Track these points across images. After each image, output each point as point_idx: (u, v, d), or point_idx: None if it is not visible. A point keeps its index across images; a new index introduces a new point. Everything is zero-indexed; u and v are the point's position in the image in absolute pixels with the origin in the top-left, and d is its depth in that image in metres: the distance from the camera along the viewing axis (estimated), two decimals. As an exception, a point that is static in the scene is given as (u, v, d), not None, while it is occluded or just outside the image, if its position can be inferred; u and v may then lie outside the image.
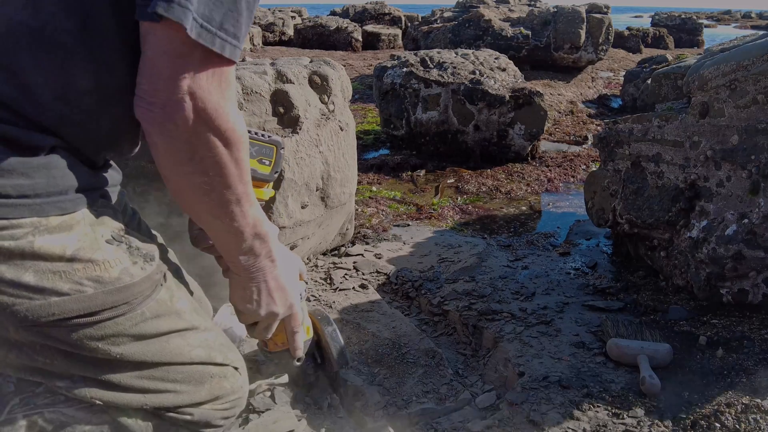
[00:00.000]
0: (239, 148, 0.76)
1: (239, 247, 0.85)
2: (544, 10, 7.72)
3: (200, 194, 0.77)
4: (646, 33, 14.05)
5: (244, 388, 1.00)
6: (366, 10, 15.85)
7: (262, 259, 0.88)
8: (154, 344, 0.83)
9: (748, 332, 1.85)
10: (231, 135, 0.74)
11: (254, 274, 0.89)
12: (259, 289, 0.91)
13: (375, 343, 1.87)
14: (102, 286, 0.76)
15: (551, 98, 6.63)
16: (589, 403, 1.56)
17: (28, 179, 0.70)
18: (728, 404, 1.49)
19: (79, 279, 0.74)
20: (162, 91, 0.69)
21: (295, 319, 0.99)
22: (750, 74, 1.87)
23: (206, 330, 0.92)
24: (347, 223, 2.62)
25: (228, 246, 0.86)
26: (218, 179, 0.76)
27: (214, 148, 0.74)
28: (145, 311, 0.81)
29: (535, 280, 2.37)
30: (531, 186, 3.99)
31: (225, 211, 0.79)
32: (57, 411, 0.82)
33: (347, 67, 9.52)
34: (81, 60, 0.73)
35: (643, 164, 2.29)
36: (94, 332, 0.76)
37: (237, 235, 0.83)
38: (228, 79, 0.74)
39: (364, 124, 5.75)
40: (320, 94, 2.19)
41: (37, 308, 0.71)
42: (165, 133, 0.72)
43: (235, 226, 0.81)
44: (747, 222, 1.86)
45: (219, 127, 0.73)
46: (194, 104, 0.70)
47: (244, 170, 0.78)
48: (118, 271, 0.78)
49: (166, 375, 0.85)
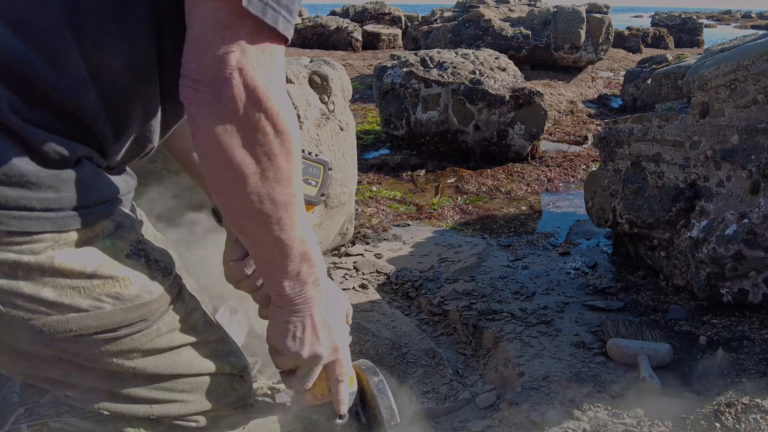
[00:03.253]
0: (290, 139, 0.69)
1: (285, 268, 0.76)
2: (544, 9, 7.72)
3: (247, 192, 0.69)
4: (646, 33, 14.05)
5: (249, 393, 0.99)
6: (366, 10, 15.85)
7: (309, 287, 0.78)
8: (167, 357, 0.82)
9: (748, 332, 1.85)
10: (281, 122, 0.67)
11: (299, 306, 0.79)
12: (303, 324, 0.80)
13: (375, 343, 1.87)
14: (121, 302, 0.74)
15: (551, 98, 6.63)
16: (589, 403, 1.55)
17: (56, 193, 0.68)
18: (728, 404, 1.49)
19: (98, 295, 0.72)
20: (210, 67, 0.64)
21: (341, 365, 0.87)
22: (750, 74, 1.87)
23: (216, 340, 0.91)
24: (347, 223, 2.62)
25: (272, 266, 0.76)
26: (268, 173, 0.69)
27: (266, 135, 0.67)
28: (161, 327, 0.80)
29: (535, 280, 2.37)
30: (531, 186, 3.99)
31: (272, 215, 0.71)
32: (61, 421, 0.81)
33: (347, 67, 9.53)
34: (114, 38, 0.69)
35: (643, 164, 2.29)
36: (111, 348, 0.75)
37: (283, 250, 0.74)
38: (279, 59, 0.67)
39: (364, 124, 5.75)
40: (320, 94, 2.19)
41: (54, 324, 0.70)
42: (214, 116, 0.65)
43: (283, 238, 0.73)
44: (747, 222, 1.86)
45: (270, 110, 0.66)
46: (244, 81, 0.64)
47: (295, 167, 0.71)
48: (137, 288, 0.76)
49: (174, 386, 0.84)
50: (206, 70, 0.64)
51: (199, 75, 0.65)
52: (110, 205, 0.77)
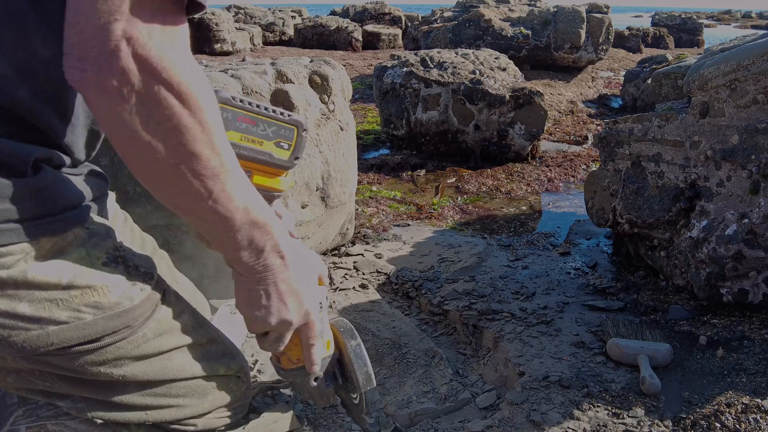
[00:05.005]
0: (201, 108, 0.63)
1: (234, 238, 0.71)
2: (544, 9, 7.72)
3: (167, 171, 0.64)
4: (646, 33, 14.05)
5: (247, 394, 0.98)
6: (366, 10, 15.85)
7: (268, 254, 0.75)
8: (157, 363, 0.80)
9: (749, 332, 1.85)
10: (186, 91, 0.61)
11: (261, 274, 0.76)
12: (267, 292, 0.77)
13: (375, 343, 1.87)
14: (101, 312, 0.72)
15: (551, 98, 6.63)
16: (589, 403, 1.56)
17: (17, 203, 0.65)
18: (728, 404, 1.49)
19: (77, 306, 0.70)
20: (92, 40, 0.57)
21: (311, 329, 0.85)
22: (750, 74, 1.87)
23: (208, 342, 0.89)
24: (347, 222, 2.62)
25: (220, 238, 0.72)
26: (183, 148, 0.63)
27: (170, 108, 0.61)
28: (147, 332, 0.78)
29: (535, 279, 2.37)
30: (531, 186, 3.99)
31: (200, 190, 0.66)
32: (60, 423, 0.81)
33: (347, 67, 9.52)
34: (35, 28, 0.65)
35: (643, 164, 2.29)
36: (96, 358, 0.74)
37: (226, 222, 0.69)
38: (174, 23, 0.61)
39: (364, 124, 5.75)
40: (320, 94, 2.19)
41: (34, 339, 0.68)
42: (107, 96, 0.59)
43: (221, 211, 0.68)
44: (747, 222, 1.86)
45: (169, 81, 0.60)
46: (134, 52, 0.58)
47: (215, 137, 0.65)
48: (117, 296, 0.74)
49: (168, 391, 0.83)
50: (89, 44, 0.58)
51: (82, 51, 0.58)
52: (80, 212, 0.74)
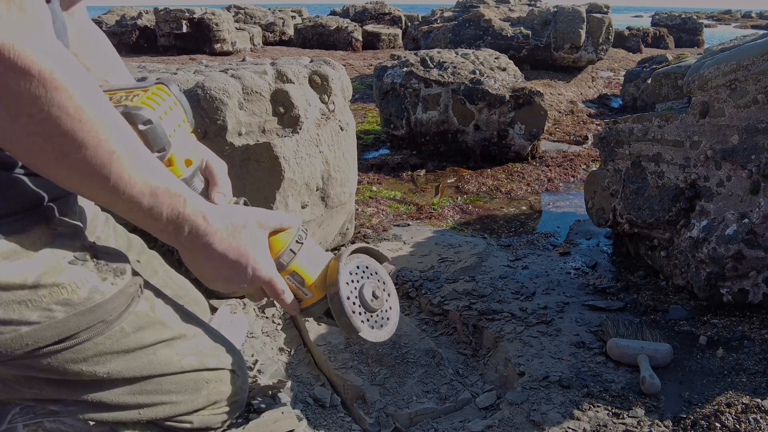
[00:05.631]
0: (71, 93, 0.57)
1: (148, 219, 0.69)
2: (544, 9, 7.72)
3: (56, 164, 0.61)
4: (646, 33, 14.05)
5: (244, 389, 0.98)
6: (366, 10, 15.85)
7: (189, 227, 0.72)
8: (141, 358, 0.80)
9: (749, 332, 1.85)
10: (51, 77, 0.56)
11: (190, 244, 0.74)
12: (207, 260, 0.76)
13: (375, 343, 1.87)
14: (72, 308, 0.71)
15: (551, 98, 6.63)
16: (589, 403, 1.56)
17: None
18: (728, 404, 1.49)
19: (47, 305, 0.69)
20: None
21: (273, 286, 0.83)
22: (750, 74, 1.87)
23: (196, 336, 0.89)
24: (347, 222, 2.62)
25: (135, 220, 0.69)
26: (63, 140, 0.59)
27: (36, 99, 0.56)
28: (125, 326, 0.77)
29: (535, 279, 2.37)
30: (531, 186, 3.99)
31: (97, 178, 0.62)
32: (57, 420, 0.81)
33: (347, 67, 9.52)
34: None
35: (643, 164, 2.29)
36: (75, 356, 0.73)
37: (133, 206, 0.66)
38: (23, 6, 0.55)
39: (364, 124, 5.75)
40: (320, 94, 2.19)
41: (8, 342, 0.67)
42: None
43: (125, 197, 0.65)
44: (747, 222, 1.86)
45: (28, 70, 0.55)
46: None
47: (97, 122, 0.60)
48: (87, 291, 0.73)
49: (159, 387, 0.83)
50: None
51: None
52: (41, 212, 0.73)
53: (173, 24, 11.30)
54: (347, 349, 1.84)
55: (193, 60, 9.97)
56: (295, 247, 0.87)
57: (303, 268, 0.89)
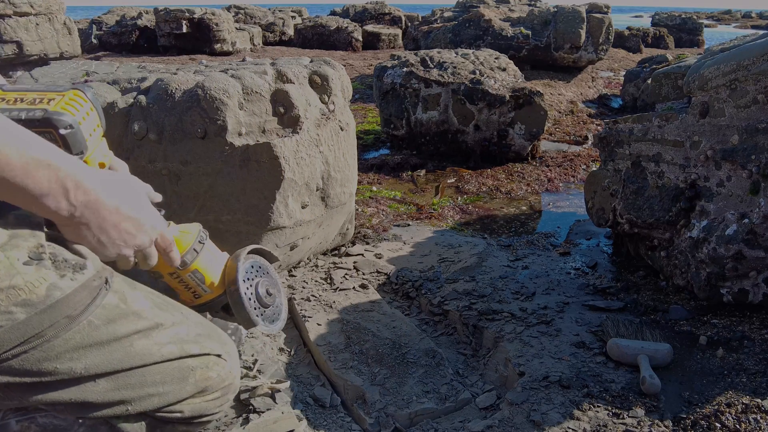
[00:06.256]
0: None
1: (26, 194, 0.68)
2: (544, 9, 7.72)
3: None
4: (646, 33, 14.05)
5: (234, 373, 0.97)
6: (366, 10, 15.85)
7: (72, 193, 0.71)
8: (118, 350, 0.80)
9: (749, 332, 1.85)
10: None
11: (79, 217, 0.73)
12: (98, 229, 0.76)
13: (375, 343, 1.87)
14: (33, 308, 0.71)
15: (551, 98, 6.63)
16: (589, 403, 1.56)
17: None
18: (728, 404, 1.49)
19: (5, 308, 0.70)
20: None
21: (165, 237, 0.87)
22: (750, 74, 1.87)
23: (175, 324, 0.88)
24: (347, 222, 2.62)
25: (15, 199, 0.69)
26: None
27: None
28: (93, 320, 0.77)
29: (535, 280, 2.37)
30: (531, 186, 3.99)
31: None
32: (50, 415, 0.81)
33: (347, 67, 9.53)
34: None
35: (643, 164, 2.29)
36: (45, 354, 0.73)
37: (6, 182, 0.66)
38: None
39: (365, 124, 5.76)
40: (320, 94, 2.19)
41: None
42: None
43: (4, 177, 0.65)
44: (747, 222, 1.86)
45: None
46: None
47: None
48: (44, 289, 0.73)
49: (142, 380, 0.83)
50: None
51: None
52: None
53: (173, 24, 11.30)
54: (347, 349, 1.84)
55: (193, 60, 9.98)
56: (198, 246, 0.96)
57: (204, 267, 0.97)
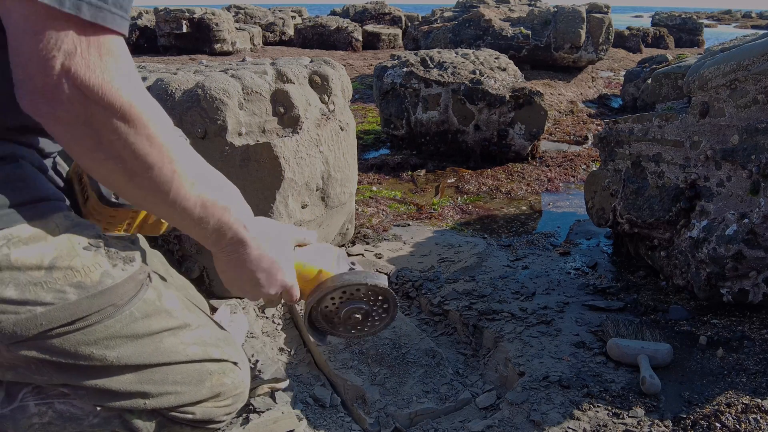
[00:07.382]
0: (147, 124, 0.68)
1: (197, 228, 0.78)
2: (544, 9, 7.72)
3: (125, 181, 0.71)
4: (646, 33, 14.06)
5: (246, 383, 1.00)
6: (366, 10, 15.86)
7: (231, 237, 0.80)
8: (149, 345, 0.83)
9: (749, 332, 1.85)
10: (130, 111, 0.66)
11: (229, 254, 0.82)
12: (238, 269, 0.83)
13: (375, 343, 1.87)
14: (85, 291, 0.75)
15: (551, 98, 6.63)
16: (589, 403, 1.56)
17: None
18: (728, 404, 1.49)
19: (60, 287, 0.74)
20: (36, 77, 0.62)
21: (293, 292, 0.91)
22: (750, 74, 1.87)
23: (200, 326, 0.92)
24: (347, 222, 2.62)
25: (186, 229, 0.78)
26: (135, 162, 0.69)
27: (117, 130, 0.66)
28: (134, 311, 0.81)
29: (535, 279, 2.37)
30: (531, 186, 3.99)
31: (159, 194, 0.72)
32: (67, 402, 0.83)
33: (347, 67, 9.53)
34: None
35: (643, 164, 2.29)
36: (86, 338, 0.76)
37: (185, 217, 0.76)
38: (111, 50, 0.65)
39: (365, 124, 5.75)
40: (320, 94, 2.19)
41: (24, 322, 0.71)
42: (60, 123, 0.65)
43: (179, 209, 0.74)
44: (747, 222, 1.86)
45: (112, 105, 0.65)
46: (75, 83, 0.63)
47: (165, 147, 0.70)
48: (98, 275, 0.77)
49: (165, 377, 0.85)
50: (35, 81, 0.63)
51: (29, 86, 0.63)
52: (60, 204, 0.79)
53: (173, 24, 11.30)
54: (347, 349, 1.84)
55: (193, 60, 9.97)
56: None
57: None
